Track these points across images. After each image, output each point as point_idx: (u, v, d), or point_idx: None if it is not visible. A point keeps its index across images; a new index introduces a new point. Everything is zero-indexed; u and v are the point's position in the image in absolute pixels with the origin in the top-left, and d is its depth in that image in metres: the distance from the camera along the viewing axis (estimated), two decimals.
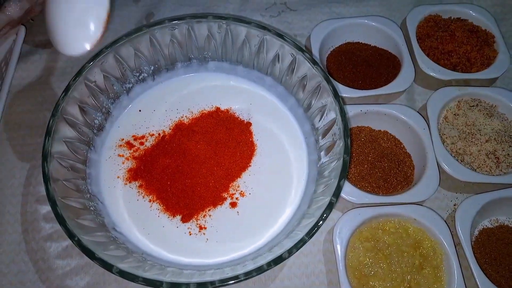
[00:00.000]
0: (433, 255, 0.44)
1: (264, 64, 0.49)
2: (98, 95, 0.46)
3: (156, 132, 0.48)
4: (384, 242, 0.44)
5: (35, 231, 0.46)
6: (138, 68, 0.48)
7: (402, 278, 0.43)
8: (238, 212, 0.44)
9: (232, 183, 0.45)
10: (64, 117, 0.42)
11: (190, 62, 0.51)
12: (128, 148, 0.47)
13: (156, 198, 0.44)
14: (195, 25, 0.47)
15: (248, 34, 0.47)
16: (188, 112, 0.49)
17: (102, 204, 0.44)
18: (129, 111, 0.49)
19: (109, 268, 0.35)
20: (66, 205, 0.39)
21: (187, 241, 0.43)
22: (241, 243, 0.43)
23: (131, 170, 0.46)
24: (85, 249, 0.36)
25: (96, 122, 0.46)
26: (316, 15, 0.60)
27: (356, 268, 0.43)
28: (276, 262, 0.36)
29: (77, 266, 0.45)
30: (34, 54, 0.56)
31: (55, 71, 0.55)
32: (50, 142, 0.40)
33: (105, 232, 0.41)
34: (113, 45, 0.44)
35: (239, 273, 0.36)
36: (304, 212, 0.42)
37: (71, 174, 0.42)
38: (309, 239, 0.37)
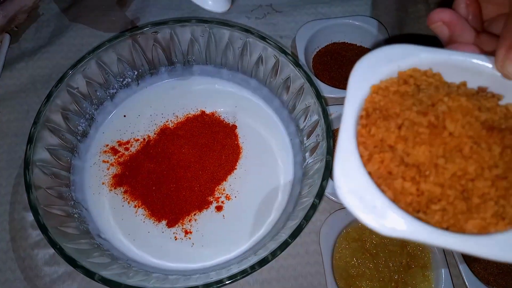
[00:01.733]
0: (420, 254, 0.43)
1: (248, 67, 0.49)
2: (81, 102, 0.45)
3: (141, 137, 0.48)
4: (371, 242, 0.44)
5: (22, 239, 0.46)
6: (122, 74, 0.48)
7: (390, 277, 0.42)
8: (224, 216, 0.44)
9: (217, 186, 0.45)
10: (46, 124, 0.42)
11: (174, 66, 0.51)
12: (112, 154, 0.47)
13: (142, 203, 0.44)
14: (178, 29, 0.47)
15: (231, 37, 0.47)
16: (173, 116, 0.49)
17: (86, 211, 0.43)
18: (113, 116, 0.49)
19: (91, 276, 0.35)
20: (49, 213, 0.39)
21: (173, 246, 0.42)
22: (227, 246, 0.43)
23: (116, 176, 0.46)
24: (67, 257, 0.36)
25: (79, 128, 0.46)
26: (302, 16, 0.60)
27: (343, 269, 0.43)
28: (261, 264, 0.36)
29: (64, 273, 0.44)
30: (19, 62, 0.56)
31: (40, 79, 0.55)
32: (32, 150, 0.40)
33: (89, 239, 0.41)
34: (95, 50, 0.44)
35: (223, 277, 0.36)
36: (289, 214, 0.42)
37: (55, 182, 0.42)
38: (293, 241, 0.37)
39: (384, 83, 0.24)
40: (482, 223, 0.20)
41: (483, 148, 0.21)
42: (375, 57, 0.25)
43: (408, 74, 0.25)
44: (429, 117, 0.22)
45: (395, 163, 0.22)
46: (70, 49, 0.56)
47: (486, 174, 0.21)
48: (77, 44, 0.56)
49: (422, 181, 0.21)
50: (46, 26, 0.59)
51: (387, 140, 0.22)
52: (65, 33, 0.57)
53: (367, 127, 0.23)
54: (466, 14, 0.27)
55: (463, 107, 0.22)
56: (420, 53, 0.24)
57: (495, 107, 0.23)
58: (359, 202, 0.21)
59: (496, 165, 0.21)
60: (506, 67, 0.23)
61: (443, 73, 0.25)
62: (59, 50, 0.56)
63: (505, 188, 0.21)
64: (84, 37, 0.57)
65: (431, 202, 0.21)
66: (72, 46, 0.56)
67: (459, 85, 0.25)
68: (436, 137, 0.21)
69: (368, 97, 0.24)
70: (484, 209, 0.21)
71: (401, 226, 0.20)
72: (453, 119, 0.21)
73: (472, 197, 0.21)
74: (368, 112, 0.24)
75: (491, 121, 0.22)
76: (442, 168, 0.21)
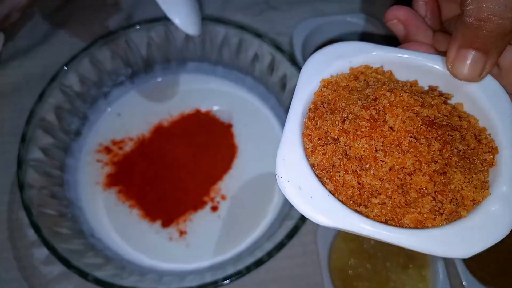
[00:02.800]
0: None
1: (244, 64, 0.48)
2: (74, 100, 0.45)
3: (135, 136, 0.47)
4: (369, 242, 0.44)
5: (19, 238, 0.45)
6: (115, 72, 0.48)
7: (387, 278, 0.42)
8: (220, 216, 0.44)
9: (213, 186, 0.45)
10: (39, 123, 0.41)
11: (169, 64, 0.50)
12: (106, 153, 0.46)
13: (136, 203, 0.44)
14: (172, 26, 0.46)
15: (227, 34, 0.46)
16: (168, 115, 0.49)
17: (80, 210, 0.43)
18: (107, 115, 0.49)
19: (84, 276, 0.35)
20: (43, 213, 0.38)
21: (168, 246, 0.42)
22: (223, 247, 0.42)
23: (110, 175, 0.45)
24: (60, 257, 0.35)
25: (73, 127, 0.45)
26: (299, 13, 0.60)
27: (341, 269, 0.42)
28: (257, 265, 0.36)
29: (60, 273, 0.44)
30: (13, 60, 0.55)
31: (34, 77, 0.54)
32: (25, 149, 0.39)
33: (83, 239, 0.40)
34: (89, 48, 0.44)
35: (219, 278, 0.36)
36: (285, 214, 0.42)
37: (48, 181, 0.41)
38: (289, 241, 0.36)
39: (335, 78, 0.24)
40: (419, 217, 0.21)
41: (422, 143, 0.21)
42: (328, 52, 0.25)
43: (359, 70, 0.25)
44: (370, 111, 0.22)
45: (338, 156, 0.22)
46: (63, 47, 0.56)
47: (424, 169, 0.21)
48: (70, 42, 0.56)
49: (363, 174, 0.21)
50: (39, 24, 0.58)
51: (331, 133, 0.22)
52: (59, 32, 0.57)
53: (314, 120, 0.23)
54: (424, 12, 0.27)
55: (404, 102, 0.22)
56: (372, 51, 0.25)
57: (440, 104, 0.23)
58: (297, 192, 0.21)
59: (435, 160, 0.21)
60: (455, 67, 0.23)
61: (395, 71, 0.25)
62: (53, 49, 0.56)
63: (443, 183, 0.21)
64: (79, 35, 0.56)
65: (372, 196, 0.21)
66: (65, 45, 0.56)
67: (409, 83, 0.25)
68: (376, 130, 0.21)
69: (318, 91, 0.24)
70: (421, 203, 0.21)
71: (335, 217, 0.20)
72: (393, 114, 0.22)
73: (410, 192, 0.21)
74: (316, 106, 0.24)
75: (433, 117, 0.22)
76: (381, 162, 0.21)
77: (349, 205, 0.21)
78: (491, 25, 0.21)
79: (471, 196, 0.21)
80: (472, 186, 0.21)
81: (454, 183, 0.21)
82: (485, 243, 0.20)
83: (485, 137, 0.23)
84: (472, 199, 0.21)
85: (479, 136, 0.23)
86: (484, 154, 0.22)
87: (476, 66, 0.22)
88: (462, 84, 0.24)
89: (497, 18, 0.21)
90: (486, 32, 0.21)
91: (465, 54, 0.22)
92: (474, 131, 0.23)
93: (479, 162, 0.22)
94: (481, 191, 0.21)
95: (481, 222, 0.20)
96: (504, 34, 0.22)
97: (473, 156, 0.22)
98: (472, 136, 0.23)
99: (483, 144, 0.23)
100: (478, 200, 0.21)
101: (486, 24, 0.21)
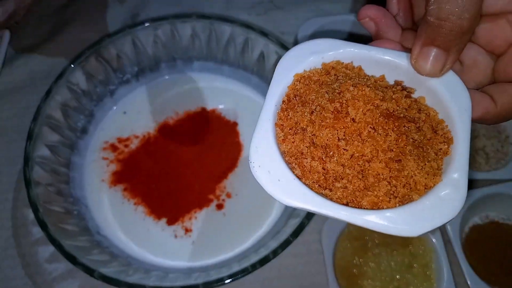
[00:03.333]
0: (422, 253, 0.43)
1: (250, 63, 0.48)
2: (80, 98, 0.45)
3: (141, 134, 0.47)
4: (373, 241, 0.44)
5: (23, 236, 0.46)
6: (122, 70, 0.48)
7: (392, 277, 0.42)
8: (225, 214, 0.44)
9: (218, 184, 0.45)
10: (46, 120, 0.41)
11: (175, 62, 0.50)
12: (112, 150, 0.47)
13: (141, 201, 0.44)
14: (179, 25, 0.46)
15: (233, 33, 0.46)
16: (174, 113, 0.49)
17: (86, 208, 0.43)
18: (113, 113, 0.49)
19: (91, 273, 0.35)
20: (49, 210, 0.38)
21: (173, 244, 0.42)
22: (228, 245, 0.42)
23: (116, 173, 0.45)
24: (67, 254, 0.36)
25: (79, 125, 0.46)
26: (303, 12, 0.60)
27: (345, 268, 0.43)
28: (262, 263, 0.36)
29: (65, 271, 0.44)
30: (19, 58, 0.56)
31: (40, 75, 0.55)
32: (32, 146, 0.39)
33: (89, 236, 0.40)
34: (95, 46, 0.44)
35: (224, 275, 0.36)
36: (290, 213, 0.42)
37: (54, 178, 0.41)
38: (294, 239, 0.36)
39: (308, 73, 0.26)
40: (375, 200, 0.23)
41: (379, 133, 0.23)
42: (303, 48, 0.27)
43: (330, 65, 0.27)
44: (335, 103, 0.24)
45: (306, 144, 0.24)
46: (69, 45, 0.56)
47: (380, 157, 0.23)
48: (76, 40, 0.56)
49: (328, 161, 0.23)
50: (45, 22, 0.58)
51: (300, 123, 0.24)
52: (64, 29, 0.57)
53: (286, 111, 0.25)
54: (396, 11, 0.29)
55: (366, 96, 0.24)
56: (343, 47, 0.27)
57: (400, 98, 0.25)
58: (266, 175, 0.23)
59: (391, 149, 0.23)
60: (418, 63, 0.25)
61: (364, 66, 0.27)
62: (58, 46, 0.56)
63: (398, 170, 0.23)
64: (84, 33, 0.56)
65: (336, 180, 0.23)
66: (71, 42, 0.56)
67: (376, 78, 0.27)
68: (339, 121, 0.24)
69: (291, 84, 0.26)
70: (378, 187, 0.23)
71: (299, 198, 0.22)
72: (355, 106, 0.24)
73: (368, 177, 0.23)
74: (289, 98, 0.26)
75: (392, 110, 0.24)
76: (343, 150, 0.23)
77: (315, 189, 0.23)
78: (450, 24, 0.23)
79: (423, 181, 0.23)
80: (425, 172, 0.23)
81: (408, 169, 0.23)
82: (433, 223, 0.22)
83: (442, 128, 0.25)
84: (424, 184, 0.23)
85: (436, 127, 0.25)
86: (439, 144, 0.24)
87: (437, 63, 0.24)
88: (425, 79, 0.25)
89: (455, 18, 0.23)
90: (445, 30, 0.23)
91: (427, 51, 0.24)
92: (432, 123, 0.25)
93: (434, 151, 0.24)
94: (433, 177, 0.23)
95: (431, 205, 0.22)
96: (462, 32, 0.23)
97: (428, 145, 0.24)
98: (429, 128, 0.24)
99: (439, 135, 0.24)
100: (430, 185, 0.23)
101: (445, 23, 0.23)
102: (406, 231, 0.22)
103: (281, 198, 0.22)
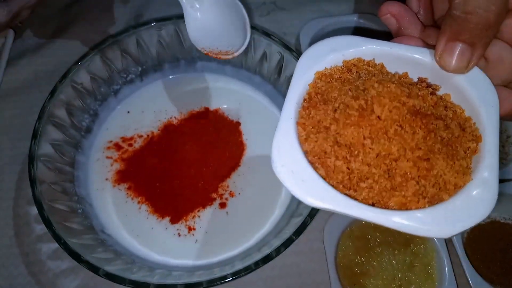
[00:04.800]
0: (424, 252, 0.43)
1: (252, 64, 0.49)
2: (85, 97, 0.45)
3: (145, 133, 0.48)
4: (375, 240, 0.44)
5: (26, 234, 0.46)
6: (126, 69, 0.48)
7: (393, 276, 0.42)
8: (228, 213, 0.44)
9: (221, 183, 0.45)
10: (50, 119, 0.42)
11: (178, 63, 0.51)
12: (116, 150, 0.47)
13: (145, 199, 0.44)
14: (182, 25, 0.47)
15: None
16: (177, 113, 0.49)
17: (90, 206, 0.43)
18: (117, 112, 0.49)
19: (95, 271, 0.35)
20: (53, 208, 0.38)
21: (176, 242, 0.42)
22: (231, 243, 0.43)
23: (120, 172, 0.46)
24: (71, 252, 0.36)
25: (83, 124, 0.46)
26: (306, 13, 0.60)
27: (347, 267, 0.43)
28: (264, 261, 0.36)
29: (68, 268, 0.44)
30: (23, 58, 0.56)
31: (44, 75, 0.55)
32: (37, 145, 0.40)
33: (93, 234, 0.40)
34: (99, 46, 0.44)
35: (227, 273, 0.36)
36: (293, 211, 0.42)
37: (59, 177, 0.42)
38: (297, 238, 0.37)
39: (329, 70, 0.26)
40: (403, 200, 0.22)
41: (407, 131, 0.22)
42: (322, 46, 0.26)
43: (352, 63, 0.26)
44: (359, 101, 0.23)
45: (329, 143, 0.23)
46: (73, 45, 0.56)
47: (408, 155, 0.22)
48: (80, 40, 0.56)
49: (352, 160, 0.23)
50: (50, 22, 0.58)
51: (323, 122, 0.24)
52: (68, 29, 0.57)
53: (308, 110, 0.25)
54: (416, 8, 0.29)
55: (392, 93, 0.23)
56: (364, 44, 0.26)
57: (426, 95, 0.24)
58: (289, 176, 0.22)
59: (419, 147, 0.22)
60: (443, 59, 0.24)
61: (386, 63, 0.26)
62: (62, 46, 0.56)
63: (427, 169, 0.22)
64: (88, 33, 0.57)
65: (361, 180, 0.22)
66: (75, 42, 0.56)
67: (399, 75, 0.26)
68: (364, 119, 0.23)
69: (312, 82, 0.25)
70: (406, 187, 0.22)
71: (324, 199, 0.22)
72: (381, 104, 0.23)
73: (395, 176, 0.22)
74: (310, 96, 0.25)
75: (418, 107, 0.23)
76: (369, 148, 0.22)
77: (339, 189, 0.23)
78: (476, 17, 0.22)
79: (453, 180, 0.22)
80: (454, 171, 0.22)
81: (437, 168, 0.22)
82: (464, 224, 0.21)
83: (470, 126, 0.24)
84: (454, 184, 0.22)
85: (464, 125, 0.24)
86: (468, 142, 0.24)
87: (463, 58, 0.24)
88: (450, 75, 0.25)
89: (482, 11, 0.22)
90: (471, 24, 0.22)
91: (452, 47, 0.24)
92: (459, 120, 0.24)
93: (463, 149, 0.23)
94: (463, 176, 0.22)
95: (462, 205, 0.22)
96: (489, 26, 0.23)
97: (457, 143, 0.23)
98: (457, 125, 0.24)
99: (467, 133, 0.24)
100: (459, 185, 0.22)
101: (471, 17, 0.22)
102: (438, 232, 0.21)
103: (305, 199, 0.22)
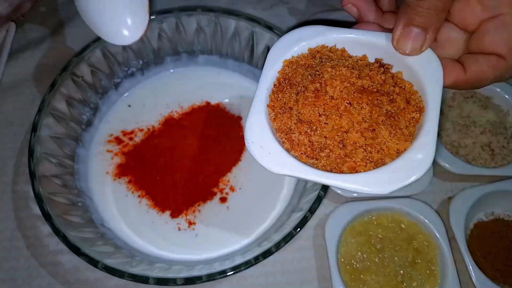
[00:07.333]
0: (426, 249, 0.43)
1: (255, 57, 0.48)
2: (85, 90, 0.45)
3: (146, 127, 0.48)
4: (377, 236, 0.43)
5: (27, 227, 0.46)
6: (127, 63, 0.48)
7: (395, 272, 0.42)
8: (228, 207, 0.44)
9: (222, 178, 0.45)
10: (51, 112, 0.42)
11: (180, 56, 0.50)
12: (117, 143, 0.47)
13: (145, 193, 0.44)
14: (184, 18, 0.46)
15: (238, 27, 0.46)
16: (178, 107, 0.49)
17: (90, 200, 0.43)
18: (118, 106, 0.49)
19: (95, 264, 0.35)
20: (53, 201, 0.38)
21: (176, 236, 0.42)
22: (231, 238, 0.42)
23: (120, 165, 0.45)
24: (71, 245, 0.36)
25: (84, 117, 0.46)
26: (309, 7, 0.60)
27: (348, 263, 0.42)
28: (265, 256, 0.36)
29: (69, 262, 0.44)
30: (24, 51, 0.56)
31: (45, 68, 0.55)
32: (37, 138, 0.40)
33: (93, 228, 0.40)
34: (100, 39, 0.44)
35: (227, 267, 0.36)
36: (294, 206, 0.42)
37: (59, 170, 0.41)
38: (297, 232, 0.36)
39: (295, 58, 0.29)
40: (353, 165, 0.26)
41: (355, 107, 0.26)
42: (290, 37, 0.30)
43: (316, 50, 0.30)
44: (315, 84, 0.27)
45: (293, 121, 0.27)
46: (75, 38, 0.56)
47: (356, 127, 0.26)
48: (82, 33, 0.56)
49: (313, 134, 0.27)
50: (51, 15, 0.58)
51: (288, 103, 0.28)
52: (70, 22, 0.57)
53: (277, 93, 0.29)
54: None
55: (343, 75, 0.27)
56: (327, 33, 0.30)
57: (376, 75, 0.28)
58: (258, 150, 0.27)
59: (365, 120, 0.26)
60: (400, 43, 0.27)
61: (348, 48, 0.30)
62: (64, 39, 0.56)
63: (372, 138, 0.26)
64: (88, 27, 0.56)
65: (320, 151, 0.27)
66: (77, 35, 0.56)
67: (359, 58, 0.30)
68: (319, 99, 0.27)
69: (281, 69, 0.29)
70: (355, 154, 0.26)
71: (286, 167, 0.26)
72: (333, 85, 0.27)
73: (347, 146, 0.26)
74: (279, 82, 0.29)
75: (366, 86, 0.27)
76: (324, 123, 0.27)
77: (303, 159, 0.27)
78: (427, 3, 0.26)
79: (394, 147, 0.26)
80: (396, 138, 0.26)
81: (380, 137, 0.26)
82: (403, 181, 0.25)
83: (415, 99, 0.28)
84: (396, 149, 0.26)
85: (410, 98, 0.28)
86: (412, 113, 0.27)
87: (417, 41, 0.27)
88: (403, 56, 0.28)
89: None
90: (423, 9, 0.26)
91: (408, 31, 0.27)
92: (406, 95, 0.28)
93: (406, 120, 0.27)
94: (404, 142, 0.26)
95: (401, 166, 0.25)
96: (438, 11, 0.26)
97: (401, 115, 0.27)
98: (403, 99, 0.27)
99: (411, 105, 0.27)
100: (401, 150, 0.26)
101: (423, 3, 0.26)
102: (380, 189, 0.25)
103: (272, 168, 0.26)
